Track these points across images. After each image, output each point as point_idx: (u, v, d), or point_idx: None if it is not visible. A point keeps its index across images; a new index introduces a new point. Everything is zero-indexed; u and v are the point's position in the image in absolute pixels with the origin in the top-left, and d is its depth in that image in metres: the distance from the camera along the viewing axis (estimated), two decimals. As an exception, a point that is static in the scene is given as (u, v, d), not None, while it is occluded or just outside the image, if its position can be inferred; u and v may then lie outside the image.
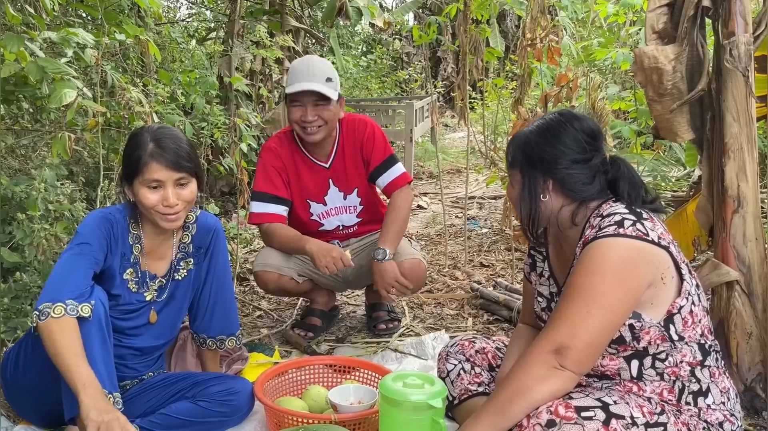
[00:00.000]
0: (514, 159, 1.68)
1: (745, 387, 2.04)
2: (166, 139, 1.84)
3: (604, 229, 1.51)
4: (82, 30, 2.53)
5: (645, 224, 1.51)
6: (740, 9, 2.04)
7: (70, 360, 1.62)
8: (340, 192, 2.80)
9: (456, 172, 8.09)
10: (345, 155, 2.77)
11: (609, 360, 1.56)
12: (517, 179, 1.68)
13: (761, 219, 2.07)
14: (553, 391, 1.46)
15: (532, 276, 1.87)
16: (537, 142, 1.64)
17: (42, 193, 2.48)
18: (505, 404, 1.48)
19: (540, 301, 1.79)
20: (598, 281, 1.46)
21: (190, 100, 3.83)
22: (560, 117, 1.66)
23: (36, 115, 3.60)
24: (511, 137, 1.75)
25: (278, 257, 2.72)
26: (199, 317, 2.13)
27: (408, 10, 13.01)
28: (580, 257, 1.53)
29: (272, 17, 5.29)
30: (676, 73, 2.10)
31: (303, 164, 2.77)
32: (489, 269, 3.99)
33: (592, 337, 1.46)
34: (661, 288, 1.51)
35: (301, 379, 2.23)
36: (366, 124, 2.78)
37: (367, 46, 14.34)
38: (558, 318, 1.50)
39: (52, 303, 1.66)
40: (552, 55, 3.03)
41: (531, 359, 1.49)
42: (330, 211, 2.82)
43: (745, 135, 2.03)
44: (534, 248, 1.86)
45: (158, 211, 1.84)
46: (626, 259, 1.47)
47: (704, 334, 1.57)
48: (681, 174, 5.22)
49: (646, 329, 1.50)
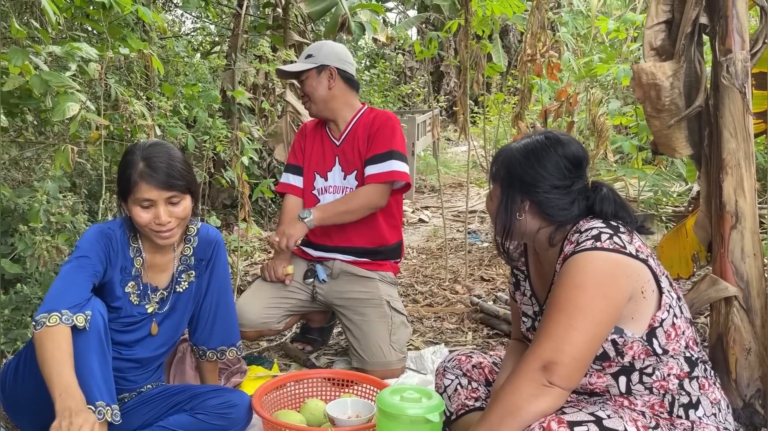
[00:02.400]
0: (496, 173, 1.70)
1: (744, 403, 2.04)
2: (157, 158, 1.82)
3: (582, 244, 1.52)
4: (86, 44, 2.56)
5: (622, 237, 1.52)
6: (737, 26, 2.06)
7: (54, 368, 1.60)
8: (342, 171, 2.80)
9: (458, 186, 8.11)
10: (356, 137, 2.77)
11: (597, 378, 1.56)
12: (496, 193, 1.69)
13: (759, 235, 2.08)
14: (543, 409, 1.45)
15: (517, 296, 1.87)
16: (520, 161, 1.64)
17: (44, 204, 2.50)
18: (495, 424, 1.48)
19: (525, 321, 1.80)
20: (578, 294, 1.47)
21: (193, 113, 3.86)
22: (545, 140, 1.66)
23: (40, 128, 3.63)
24: (498, 150, 1.76)
25: (253, 307, 2.67)
26: (200, 329, 2.14)
27: (411, 25, 13.09)
28: (559, 272, 1.54)
29: (275, 32, 5.34)
30: (674, 90, 2.12)
31: (320, 138, 2.86)
32: (489, 283, 3.99)
33: (578, 351, 1.46)
34: (641, 301, 1.51)
35: (299, 392, 2.23)
36: (383, 116, 2.78)
37: (370, 61, 14.44)
38: (542, 335, 1.50)
39: (48, 313, 1.67)
40: (552, 70, 3.05)
41: (519, 378, 1.49)
42: (329, 187, 2.81)
43: (743, 151, 2.04)
44: (517, 267, 1.86)
45: (151, 229, 1.85)
46: (605, 271, 1.48)
47: (689, 346, 1.57)
48: (682, 189, 5.23)
49: (629, 344, 1.51)
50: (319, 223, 2.64)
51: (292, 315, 2.77)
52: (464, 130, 3.93)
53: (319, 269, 2.76)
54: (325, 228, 2.74)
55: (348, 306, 2.68)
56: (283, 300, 2.71)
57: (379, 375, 2.51)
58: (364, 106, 2.84)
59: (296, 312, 2.78)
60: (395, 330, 2.65)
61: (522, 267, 1.83)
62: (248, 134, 3.84)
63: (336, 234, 2.77)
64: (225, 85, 4.71)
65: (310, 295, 2.75)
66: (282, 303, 2.70)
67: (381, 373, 2.54)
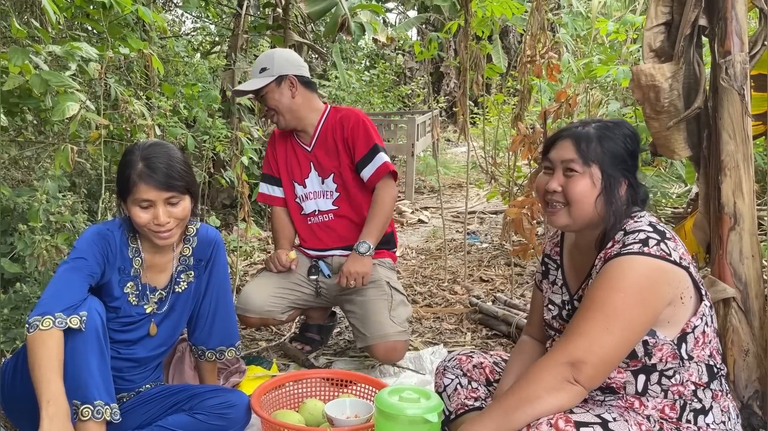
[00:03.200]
0: (593, 152, 1.59)
1: (742, 404, 2.04)
2: (156, 158, 1.82)
3: (628, 246, 1.50)
4: (86, 44, 2.56)
5: (668, 244, 1.51)
6: (736, 28, 2.06)
7: (42, 374, 1.60)
8: (319, 176, 2.82)
9: (457, 187, 8.11)
10: (326, 140, 2.79)
11: (617, 373, 1.55)
12: (591, 175, 1.59)
13: (758, 237, 2.08)
14: (562, 404, 1.46)
15: (544, 284, 1.85)
16: (622, 138, 1.61)
17: (43, 204, 2.50)
18: (511, 409, 1.48)
19: (552, 309, 1.78)
20: (620, 298, 1.46)
21: (193, 113, 3.86)
22: (618, 121, 1.68)
23: (40, 127, 3.63)
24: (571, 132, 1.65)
25: (259, 297, 2.71)
26: (199, 329, 2.14)
27: (411, 25, 13.11)
28: (601, 272, 1.52)
29: (275, 32, 5.34)
30: (673, 91, 2.12)
31: (291, 147, 2.87)
32: (488, 284, 4.00)
33: (608, 353, 1.46)
34: (679, 307, 1.51)
35: (298, 392, 2.23)
36: (351, 115, 2.78)
37: (370, 61, 14.45)
38: (575, 332, 1.49)
39: (41, 316, 1.66)
40: (551, 71, 3.05)
41: (544, 369, 1.49)
42: (309, 194, 2.83)
43: (742, 153, 2.04)
44: (548, 256, 1.85)
45: (150, 229, 1.85)
46: (649, 278, 1.47)
47: (713, 355, 1.57)
48: (682, 190, 5.23)
49: (659, 346, 1.51)
50: (375, 243, 2.69)
51: (296, 309, 2.81)
52: (463, 130, 3.94)
53: (322, 266, 2.79)
54: (315, 233, 2.83)
55: (350, 293, 2.71)
56: (288, 292, 2.75)
57: (383, 349, 2.57)
58: (327, 106, 2.85)
59: (300, 305, 2.81)
60: (395, 307, 2.68)
61: (556, 256, 1.83)
62: (248, 134, 3.83)
63: (327, 237, 2.82)
64: (225, 85, 4.72)
65: (314, 290, 2.79)
66: (287, 294, 2.75)
67: (384, 347, 2.58)
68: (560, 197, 1.62)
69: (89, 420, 1.67)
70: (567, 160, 1.61)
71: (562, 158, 1.62)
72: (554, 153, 1.65)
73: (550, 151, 1.68)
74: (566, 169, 1.61)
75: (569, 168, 1.61)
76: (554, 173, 1.64)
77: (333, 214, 2.82)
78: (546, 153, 1.69)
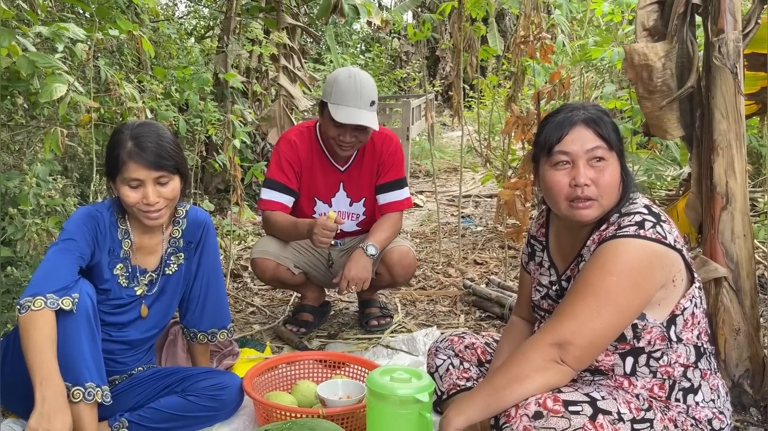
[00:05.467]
0: (609, 138, 1.55)
1: (733, 383, 2.05)
2: (145, 138, 1.81)
3: (624, 228, 1.49)
4: (74, 25, 2.53)
5: (664, 227, 1.50)
6: (730, 6, 2.04)
7: (36, 355, 1.60)
8: (348, 197, 2.82)
9: (453, 171, 8.09)
10: (363, 164, 2.79)
11: (605, 356, 1.56)
12: (614, 160, 1.56)
13: (749, 217, 2.08)
14: (550, 383, 1.47)
15: (531, 266, 1.85)
16: (614, 124, 1.58)
17: (34, 188, 2.48)
18: (500, 388, 1.49)
19: (539, 290, 1.78)
20: (613, 282, 1.45)
21: (185, 96, 3.83)
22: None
23: (31, 111, 3.59)
24: (591, 115, 1.56)
25: (276, 246, 2.75)
26: (190, 311, 2.14)
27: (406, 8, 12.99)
28: (595, 253, 1.51)
29: (268, 14, 5.28)
30: (666, 70, 2.11)
31: (319, 162, 2.78)
32: (482, 266, 4.00)
33: (597, 337, 1.46)
34: (671, 289, 1.51)
35: (291, 374, 2.24)
36: (392, 141, 2.81)
37: (365, 45, 14.35)
38: (565, 313, 1.49)
39: (33, 297, 1.66)
40: (545, 53, 3.03)
41: (533, 348, 1.49)
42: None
43: (734, 132, 2.03)
44: (534, 237, 1.85)
45: (140, 209, 1.84)
46: (643, 262, 1.46)
47: (700, 336, 1.57)
48: (677, 173, 5.22)
49: (648, 329, 1.51)
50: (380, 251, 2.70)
51: (306, 271, 2.84)
52: (457, 113, 3.92)
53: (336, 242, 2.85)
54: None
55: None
56: (303, 250, 2.80)
57: (396, 255, 2.71)
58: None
59: (311, 268, 2.85)
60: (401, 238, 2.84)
61: (541, 238, 1.81)
62: (240, 117, 3.81)
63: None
64: (217, 68, 4.68)
65: (326, 260, 2.85)
66: (303, 252, 2.80)
67: (397, 252, 2.71)
68: (593, 190, 1.52)
69: (80, 402, 1.68)
70: (592, 149, 1.53)
71: (585, 148, 1.53)
72: (572, 145, 1.53)
73: (558, 144, 1.55)
74: (592, 158, 1.53)
75: (596, 157, 1.53)
76: (574, 166, 1.54)
77: (355, 234, 2.89)
78: (552, 148, 1.56)
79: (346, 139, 2.62)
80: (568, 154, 1.55)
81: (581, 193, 1.53)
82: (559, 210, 1.61)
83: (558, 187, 1.56)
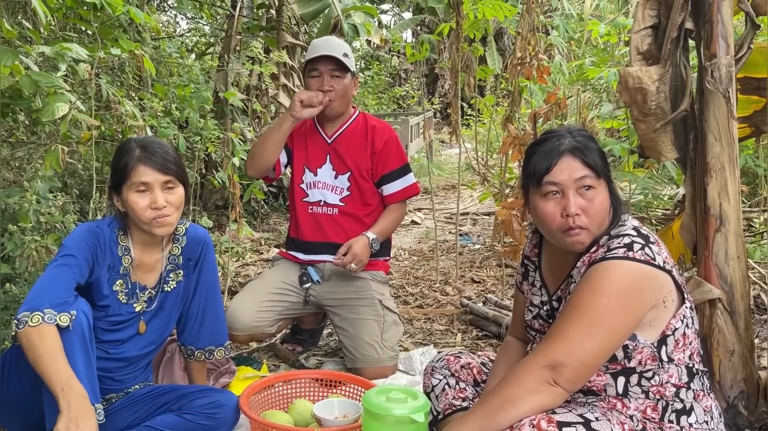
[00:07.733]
0: (595, 164, 1.57)
1: (728, 404, 2.06)
2: (153, 145, 1.89)
3: (613, 250, 1.51)
4: (76, 44, 2.56)
5: (652, 248, 1.52)
6: (722, 31, 2.08)
7: (50, 364, 1.60)
8: (333, 170, 2.80)
9: (451, 188, 8.13)
10: (351, 140, 2.79)
11: (596, 376, 1.56)
12: (602, 187, 1.59)
13: (743, 238, 2.10)
14: (543, 405, 1.47)
15: (524, 286, 1.86)
16: (599, 149, 1.61)
17: (33, 204, 2.50)
18: (494, 410, 1.49)
19: (531, 310, 1.80)
20: (603, 303, 1.47)
21: (185, 114, 3.86)
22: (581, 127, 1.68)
23: (32, 128, 3.62)
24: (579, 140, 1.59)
25: (247, 312, 2.64)
26: (188, 329, 2.14)
27: (405, 27, 13.12)
28: (585, 276, 1.53)
29: (269, 33, 5.34)
30: (660, 94, 2.14)
31: (310, 131, 2.85)
32: (480, 285, 4.01)
33: (590, 358, 1.47)
34: (662, 310, 1.52)
35: (287, 393, 2.24)
36: (385, 130, 2.83)
37: (364, 62, 14.45)
38: (557, 335, 1.50)
39: (30, 312, 1.66)
40: (541, 74, 3.07)
41: (526, 370, 1.50)
42: (317, 182, 2.80)
43: (727, 155, 2.06)
44: (527, 257, 1.87)
45: (149, 217, 1.86)
46: (633, 283, 1.48)
47: (692, 357, 1.58)
48: (673, 192, 5.25)
49: (639, 349, 1.52)
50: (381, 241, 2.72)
51: (285, 319, 2.78)
52: (455, 131, 3.95)
53: (311, 271, 2.77)
54: (318, 221, 2.78)
55: (340, 306, 2.69)
56: (275, 304, 2.70)
57: (371, 373, 2.53)
58: (355, 109, 2.86)
59: (288, 315, 2.78)
60: (387, 328, 2.67)
61: (534, 258, 1.84)
62: (240, 135, 3.84)
63: (331, 229, 2.78)
64: (218, 86, 4.72)
65: (303, 298, 2.76)
66: (275, 306, 2.70)
67: (373, 371, 2.56)
68: (583, 219, 1.55)
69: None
70: (580, 178, 1.55)
71: (574, 177, 1.55)
72: (561, 175, 1.56)
73: (547, 175, 1.58)
74: (581, 186, 1.56)
75: (585, 185, 1.56)
76: (564, 195, 1.56)
77: (338, 209, 2.79)
78: (541, 178, 1.58)
79: (324, 86, 2.68)
80: (557, 185, 1.57)
81: (573, 222, 1.55)
82: (552, 239, 1.64)
83: (550, 218, 1.59)
